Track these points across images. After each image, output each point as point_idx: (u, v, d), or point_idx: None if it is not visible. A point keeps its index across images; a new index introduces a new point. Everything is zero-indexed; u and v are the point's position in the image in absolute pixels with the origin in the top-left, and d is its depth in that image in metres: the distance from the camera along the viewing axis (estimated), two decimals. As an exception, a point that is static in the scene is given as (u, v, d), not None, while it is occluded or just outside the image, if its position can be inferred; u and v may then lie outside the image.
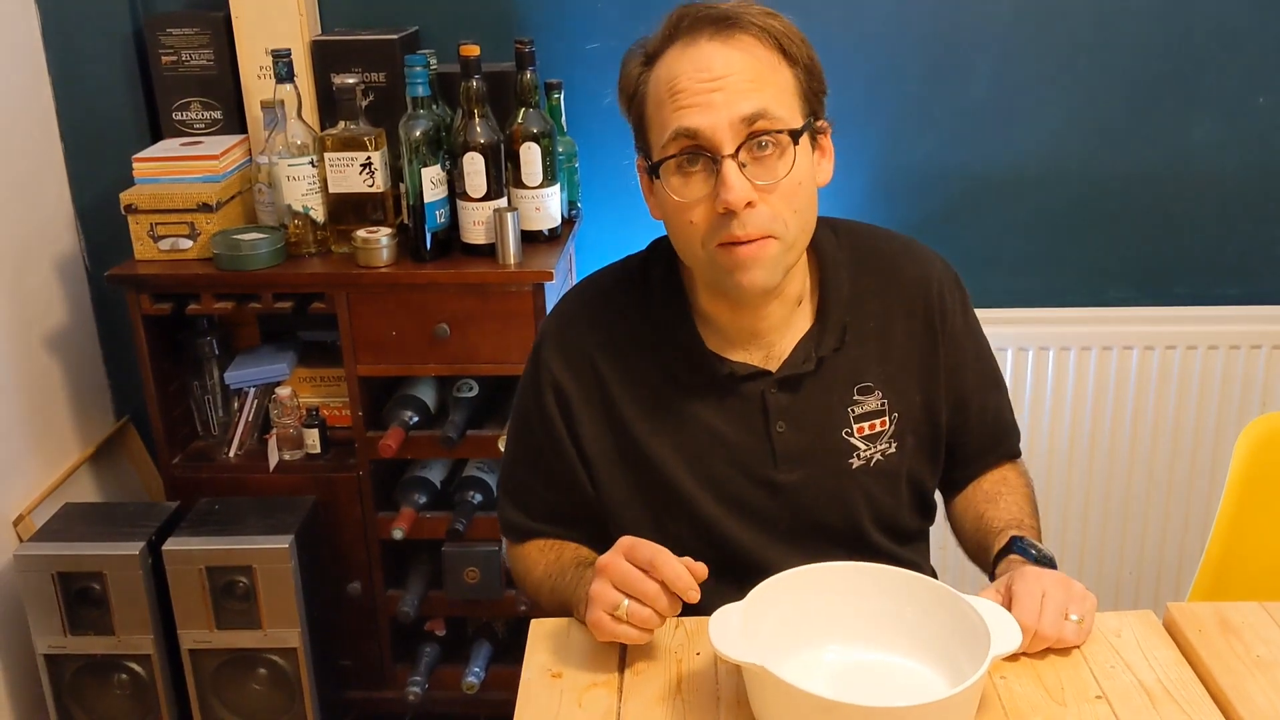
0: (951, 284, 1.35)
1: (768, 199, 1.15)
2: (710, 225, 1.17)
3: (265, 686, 2.04)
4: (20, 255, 2.12)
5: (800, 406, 1.28)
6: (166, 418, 2.11)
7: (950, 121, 2.23)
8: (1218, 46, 2.16)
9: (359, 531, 2.13)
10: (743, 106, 1.13)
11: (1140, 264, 2.29)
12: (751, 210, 1.15)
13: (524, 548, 1.38)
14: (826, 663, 1.14)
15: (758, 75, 1.15)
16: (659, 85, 1.18)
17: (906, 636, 1.14)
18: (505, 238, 1.95)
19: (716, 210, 1.15)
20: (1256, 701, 1.10)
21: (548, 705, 1.13)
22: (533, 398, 1.33)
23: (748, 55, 1.15)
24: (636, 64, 1.21)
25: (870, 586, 1.15)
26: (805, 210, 1.20)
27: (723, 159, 1.14)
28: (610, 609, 1.13)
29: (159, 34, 2.10)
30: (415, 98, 1.94)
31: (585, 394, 1.30)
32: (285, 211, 2.04)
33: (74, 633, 1.98)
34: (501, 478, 1.41)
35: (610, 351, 1.30)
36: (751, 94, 1.14)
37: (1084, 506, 2.33)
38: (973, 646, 1.06)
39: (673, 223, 1.21)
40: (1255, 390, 2.24)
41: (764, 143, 1.15)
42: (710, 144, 1.14)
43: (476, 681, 2.14)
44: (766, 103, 1.14)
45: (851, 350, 1.29)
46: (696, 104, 1.14)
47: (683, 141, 1.15)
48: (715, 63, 1.15)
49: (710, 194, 1.15)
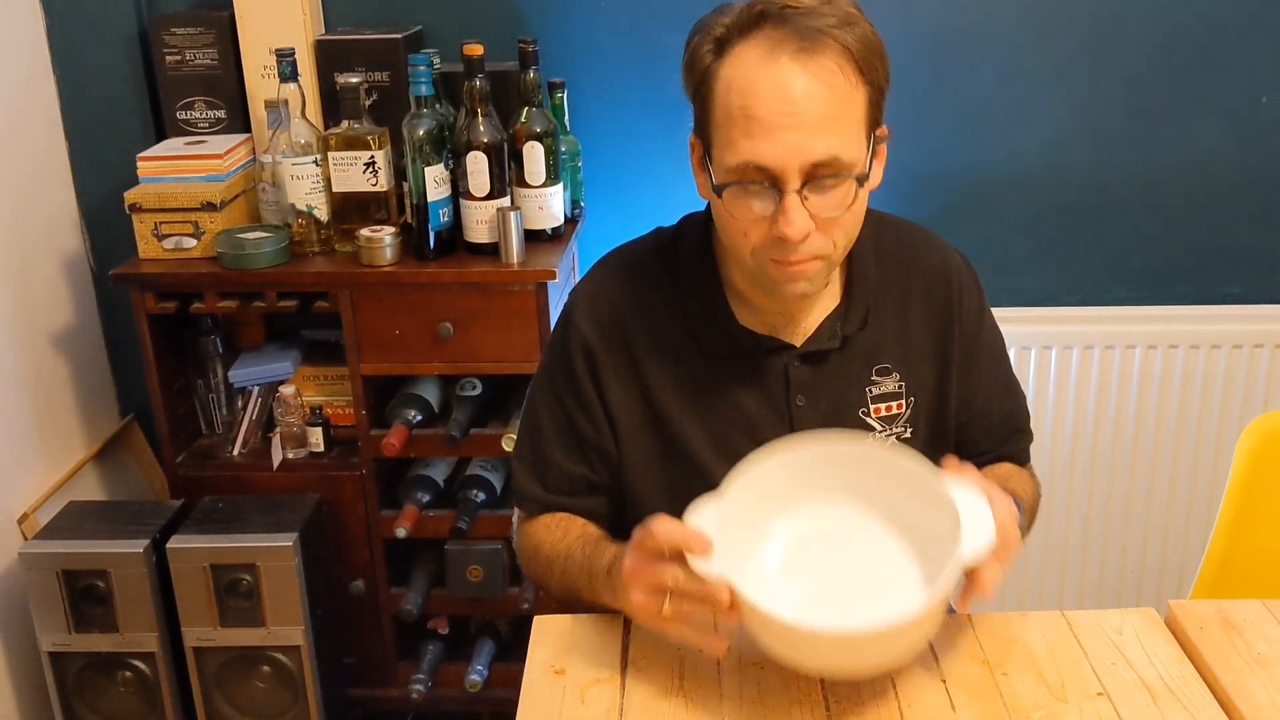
0: (970, 281, 1.36)
1: (825, 228, 1.16)
2: (763, 241, 1.17)
3: (269, 684, 2.04)
4: (25, 254, 2.12)
5: (821, 382, 1.29)
6: (171, 416, 2.12)
7: (953, 122, 2.23)
8: (1220, 47, 2.16)
9: (362, 530, 2.14)
10: (815, 149, 1.12)
11: (1142, 263, 2.29)
12: (807, 240, 1.15)
13: (533, 524, 1.37)
14: (801, 533, 1.17)
15: (832, 112, 1.12)
16: (730, 93, 1.14)
17: (878, 512, 1.16)
18: (508, 237, 1.96)
19: (772, 232, 1.15)
20: (1258, 699, 1.11)
21: (551, 702, 1.14)
22: (561, 361, 1.33)
23: (826, 87, 1.12)
24: (707, 48, 1.17)
25: (845, 459, 1.16)
26: (854, 229, 1.21)
27: (786, 192, 1.13)
28: (655, 616, 1.11)
29: (163, 34, 2.10)
30: (419, 97, 1.95)
31: (614, 357, 1.30)
32: (289, 210, 2.05)
33: (78, 630, 1.99)
34: (519, 449, 1.39)
35: (640, 318, 1.30)
36: (824, 134, 1.12)
37: (1086, 504, 2.33)
38: (944, 530, 1.07)
39: (725, 228, 1.21)
40: (1257, 389, 2.24)
41: (829, 182, 1.14)
42: (776, 178, 1.13)
43: (479, 679, 2.14)
44: (838, 148, 1.12)
45: (873, 331, 1.30)
46: (769, 138, 1.12)
47: (751, 172, 1.14)
48: (794, 92, 1.11)
49: (769, 216, 1.15)
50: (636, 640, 1.21)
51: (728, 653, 1.14)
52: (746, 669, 1.17)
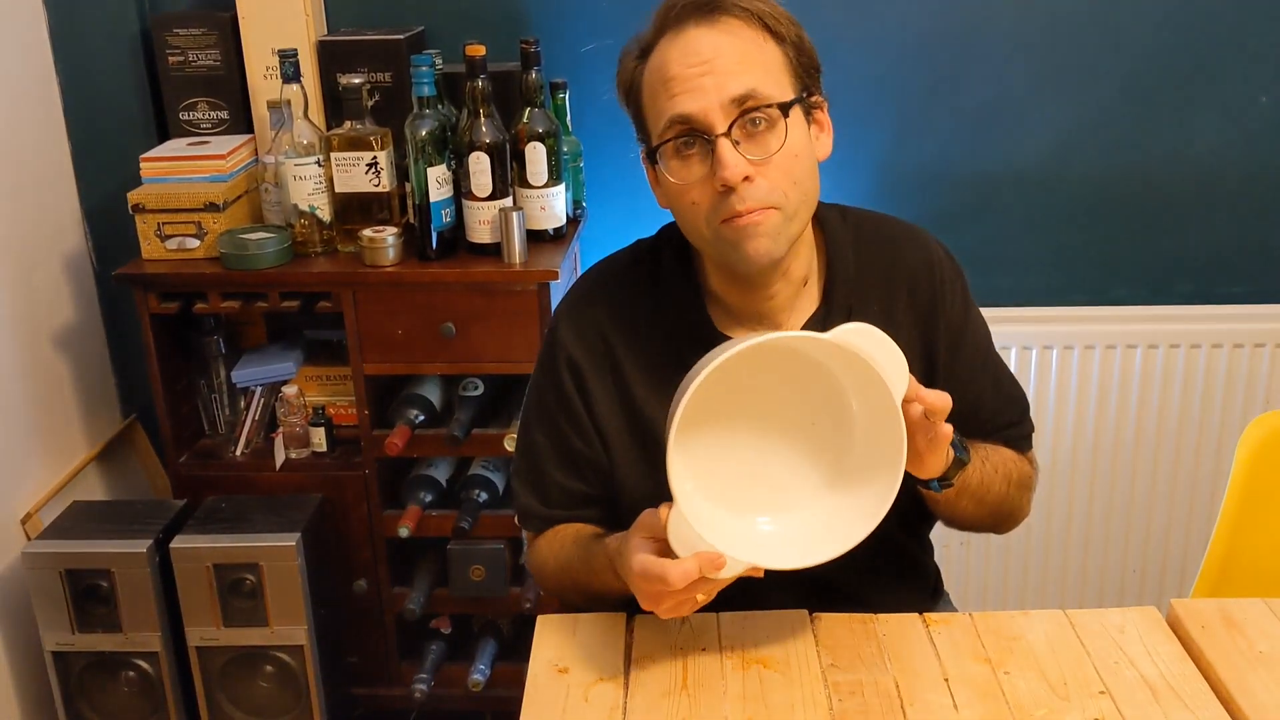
0: (954, 274, 1.35)
1: (764, 172, 1.18)
2: (711, 204, 1.19)
3: (272, 683, 2.05)
4: (28, 255, 2.13)
5: None
6: (174, 416, 2.12)
7: (954, 122, 2.23)
8: (1221, 46, 2.16)
9: (365, 529, 2.14)
10: (732, 87, 1.16)
11: (1144, 263, 2.30)
12: (750, 185, 1.17)
13: (538, 543, 1.38)
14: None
15: (744, 55, 1.18)
16: (652, 76, 1.21)
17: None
18: (510, 237, 1.96)
19: (716, 188, 1.18)
20: (1259, 697, 1.11)
21: (554, 700, 1.14)
22: (549, 377, 1.34)
23: (733, 37, 1.18)
24: (631, 59, 1.25)
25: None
26: (804, 180, 1.21)
27: (716, 138, 1.17)
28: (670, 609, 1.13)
29: (166, 34, 2.11)
30: (421, 97, 1.95)
31: (599, 370, 1.31)
32: (292, 211, 2.05)
33: (82, 630, 1.99)
34: (516, 467, 1.41)
35: (623, 330, 1.31)
36: (740, 74, 1.17)
37: (1088, 503, 2.33)
38: None
39: (677, 206, 1.24)
40: (1258, 388, 2.24)
41: (756, 119, 1.17)
42: (703, 125, 1.17)
43: (482, 679, 2.14)
44: (755, 82, 1.17)
45: None
46: (688, 89, 1.17)
47: (677, 127, 1.18)
48: (702, 47, 1.18)
49: (708, 174, 1.18)
50: (640, 639, 1.22)
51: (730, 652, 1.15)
52: (750, 668, 1.17)
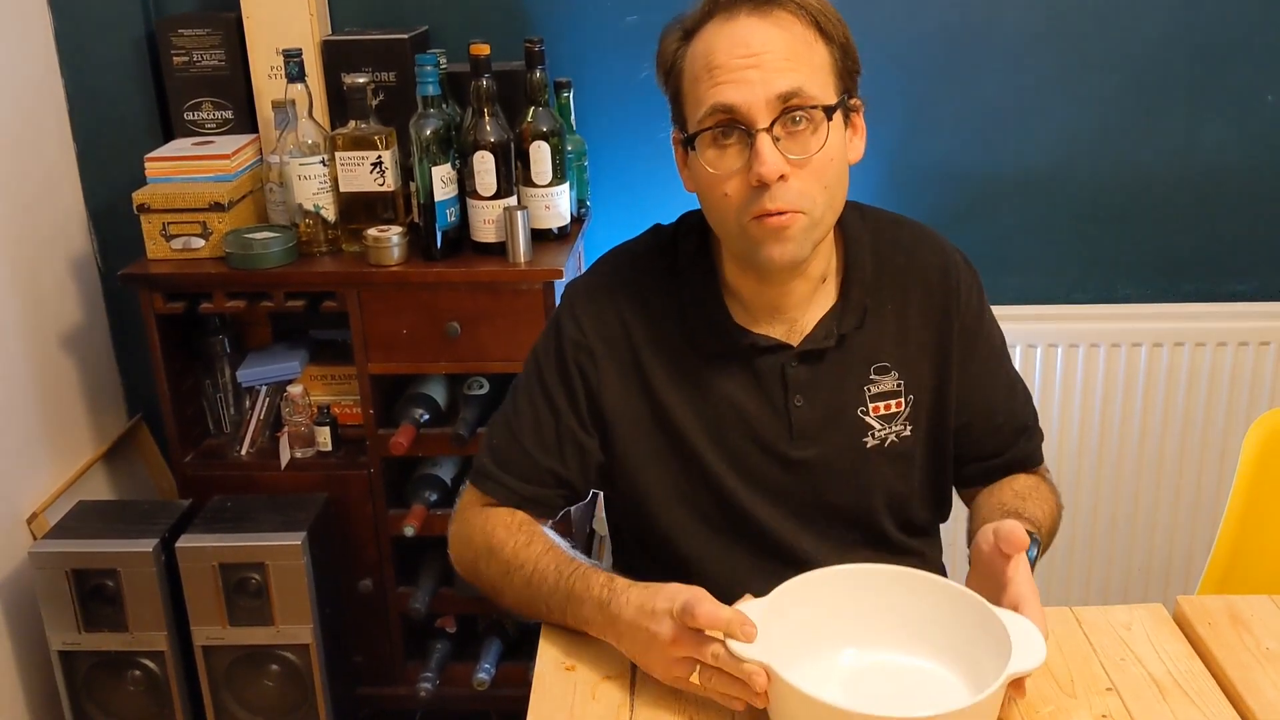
0: (970, 279, 1.35)
1: (799, 174, 1.17)
2: (744, 198, 1.18)
3: (277, 683, 2.05)
4: (33, 255, 2.13)
5: (819, 381, 1.29)
6: (179, 416, 2.12)
7: (961, 121, 2.23)
8: (1226, 46, 2.16)
9: (370, 529, 2.14)
10: (779, 84, 1.15)
11: (1150, 261, 2.30)
12: (784, 184, 1.16)
13: (487, 515, 1.33)
14: (843, 666, 1.13)
15: (794, 53, 1.17)
16: (696, 60, 1.20)
17: (929, 641, 1.12)
18: (515, 236, 1.96)
19: (750, 183, 1.17)
20: (1267, 694, 1.11)
21: (561, 698, 1.14)
22: (554, 354, 1.32)
23: (785, 32, 1.17)
24: (674, 39, 1.23)
25: (897, 589, 1.13)
26: (835, 186, 1.21)
27: (757, 133, 1.16)
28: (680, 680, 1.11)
29: (170, 35, 2.11)
30: (425, 97, 1.95)
31: (614, 354, 1.30)
32: (296, 210, 2.05)
33: (88, 630, 1.99)
34: (492, 425, 1.37)
35: (641, 316, 1.30)
36: (788, 71, 1.16)
37: (1094, 500, 2.33)
38: (995, 656, 1.04)
39: (707, 195, 1.23)
40: (1265, 386, 2.24)
41: (798, 118, 1.17)
42: (745, 118, 1.16)
43: (487, 678, 2.14)
44: (802, 80, 1.16)
45: (870, 330, 1.30)
46: (733, 80, 1.16)
47: (719, 116, 1.17)
48: (753, 39, 1.16)
49: (744, 167, 1.17)
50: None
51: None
52: (756, 665, 1.17)
